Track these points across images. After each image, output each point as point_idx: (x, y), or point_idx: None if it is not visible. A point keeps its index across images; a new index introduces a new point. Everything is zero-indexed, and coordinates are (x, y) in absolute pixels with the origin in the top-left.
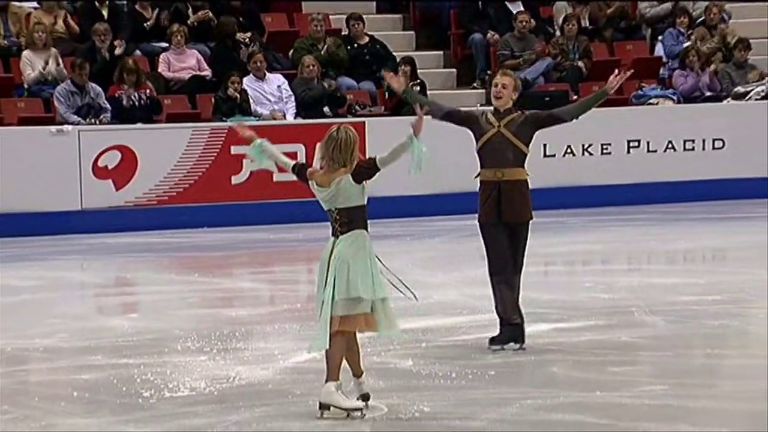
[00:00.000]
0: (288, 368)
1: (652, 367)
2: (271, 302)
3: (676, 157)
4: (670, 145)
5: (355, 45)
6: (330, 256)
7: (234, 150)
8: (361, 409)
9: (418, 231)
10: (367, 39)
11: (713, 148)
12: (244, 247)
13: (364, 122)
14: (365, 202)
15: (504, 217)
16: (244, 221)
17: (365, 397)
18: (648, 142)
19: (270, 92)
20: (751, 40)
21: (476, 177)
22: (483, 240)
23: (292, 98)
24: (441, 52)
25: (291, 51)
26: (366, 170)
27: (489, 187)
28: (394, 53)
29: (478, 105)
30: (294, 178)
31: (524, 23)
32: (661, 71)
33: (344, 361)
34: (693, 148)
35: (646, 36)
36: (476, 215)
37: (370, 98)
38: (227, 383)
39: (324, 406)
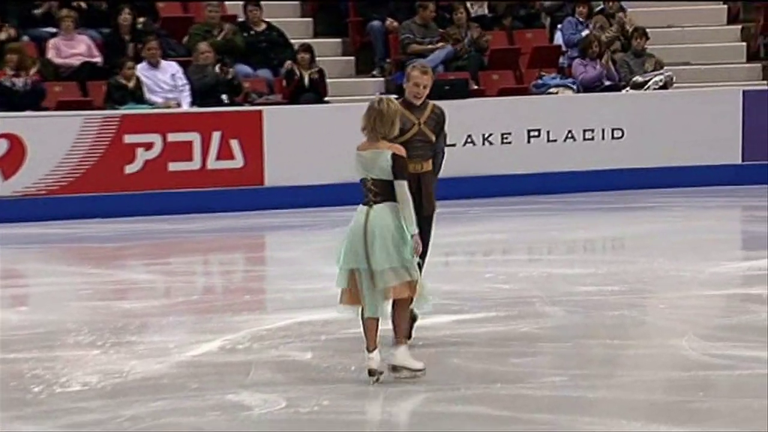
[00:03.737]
0: (184, 362)
1: (552, 357)
2: (167, 294)
3: (575, 147)
4: (569, 135)
5: (252, 32)
6: (366, 225)
7: (127, 139)
8: (423, 370)
9: (317, 221)
10: (264, 25)
11: (612, 137)
12: (139, 237)
13: (261, 111)
14: None
15: (425, 211)
16: (139, 211)
17: (394, 368)
18: (548, 132)
19: (164, 80)
20: (648, 29)
21: None
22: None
23: (188, 87)
24: (339, 40)
25: (186, 37)
26: (399, 169)
27: (411, 179)
28: (292, 40)
29: (377, 93)
30: (193, 167)
31: (431, 12)
32: (561, 60)
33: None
34: (592, 138)
35: (546, 24)
36: None
37: (267, 86)
38: (121, 378)
39: (382, 371)
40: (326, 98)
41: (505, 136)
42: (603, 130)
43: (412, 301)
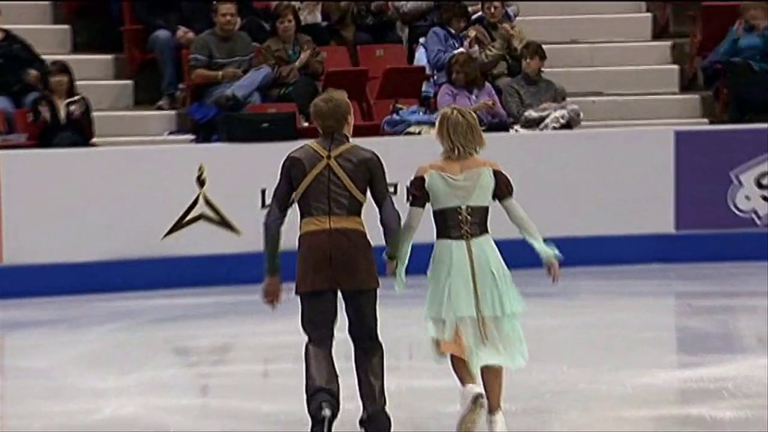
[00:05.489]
0: None
1: None
2: None
3: None
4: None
5: None
6: (472, 263)
7: None
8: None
9: (78, 314)
10: (0, 35)
11: None
12: None
13: None
14: None
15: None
16: None
17: None
18: (407, 187)
19: None
20: (545, 46)
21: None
22: (377, 307)
23: None
24: (111, 56)
25: None
26: (509, 186)
27: None
28: (42, 56)
29: (166, 133)
30: None
31: (229, 17)
32: (424, 87)
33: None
34: None
35: (403, 38)
36: (172, 292)
37: (5, 122)
38: None
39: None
40: (92, 140)
41: None
42: None
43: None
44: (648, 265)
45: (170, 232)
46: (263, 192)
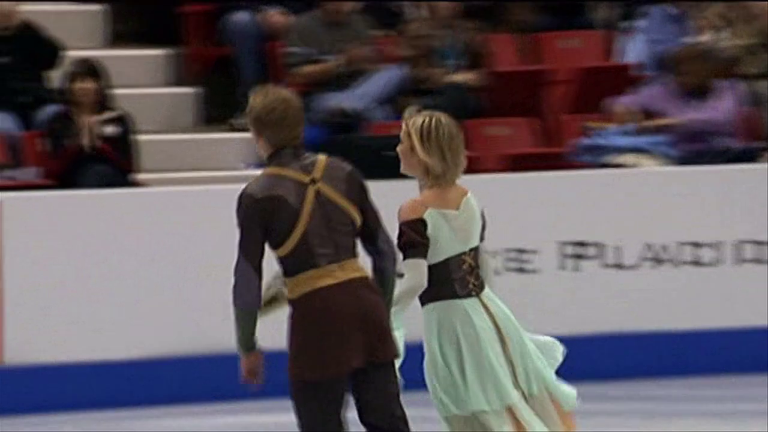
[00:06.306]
0: None
1: None
2: None
3: (678, 276)
4: (653, 254)
5: None
6: (497, 326)
7: None
8: None
9: None
10: (18, 23)
11: (749, 259)
12: None
13: None
14: None
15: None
16: None
17: None
18: (618, 248)
19: None
20: None
21: None
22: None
23: None
24: (164, 52)
25: None
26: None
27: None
28: (66, 51)
29: (244, 166)
30: None
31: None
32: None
33: None
34: (716, 262)
35: (606, 22)
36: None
37: (9, 150)
38: None
39: None
40: (134, 176)
41: (525, 255)
42: (728, 246)
43: None
44: None
45: None
46: None
